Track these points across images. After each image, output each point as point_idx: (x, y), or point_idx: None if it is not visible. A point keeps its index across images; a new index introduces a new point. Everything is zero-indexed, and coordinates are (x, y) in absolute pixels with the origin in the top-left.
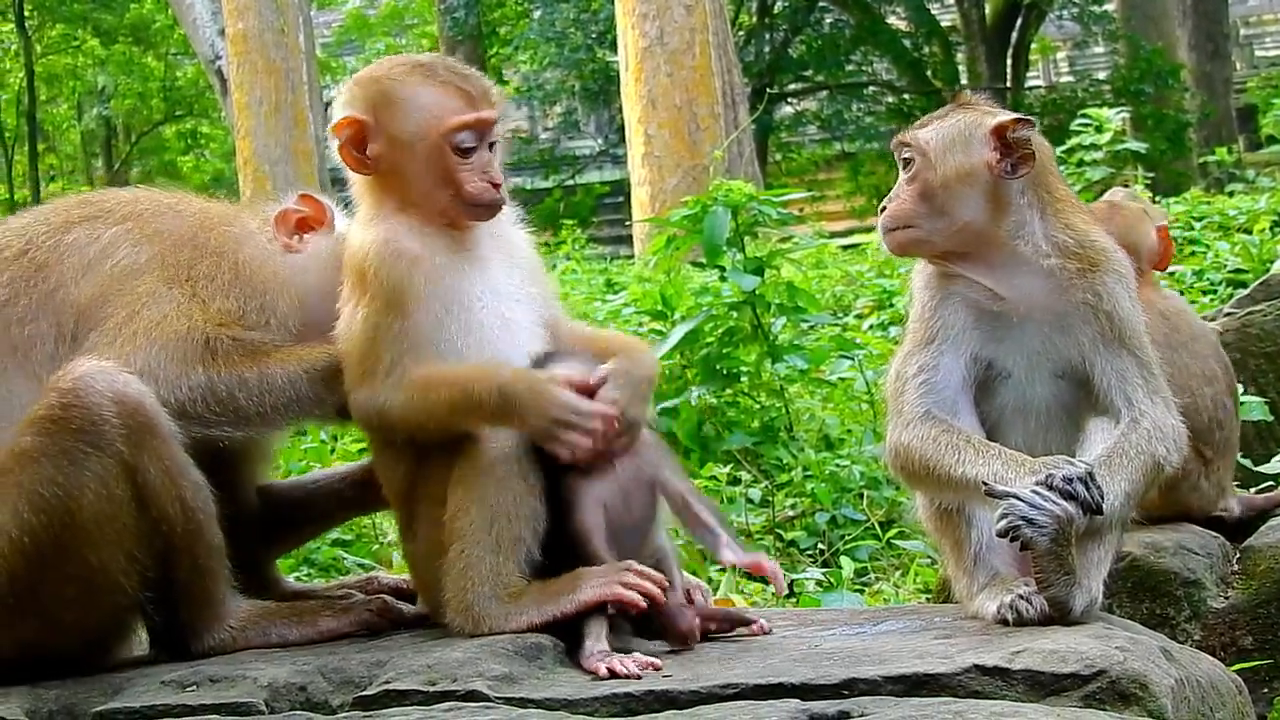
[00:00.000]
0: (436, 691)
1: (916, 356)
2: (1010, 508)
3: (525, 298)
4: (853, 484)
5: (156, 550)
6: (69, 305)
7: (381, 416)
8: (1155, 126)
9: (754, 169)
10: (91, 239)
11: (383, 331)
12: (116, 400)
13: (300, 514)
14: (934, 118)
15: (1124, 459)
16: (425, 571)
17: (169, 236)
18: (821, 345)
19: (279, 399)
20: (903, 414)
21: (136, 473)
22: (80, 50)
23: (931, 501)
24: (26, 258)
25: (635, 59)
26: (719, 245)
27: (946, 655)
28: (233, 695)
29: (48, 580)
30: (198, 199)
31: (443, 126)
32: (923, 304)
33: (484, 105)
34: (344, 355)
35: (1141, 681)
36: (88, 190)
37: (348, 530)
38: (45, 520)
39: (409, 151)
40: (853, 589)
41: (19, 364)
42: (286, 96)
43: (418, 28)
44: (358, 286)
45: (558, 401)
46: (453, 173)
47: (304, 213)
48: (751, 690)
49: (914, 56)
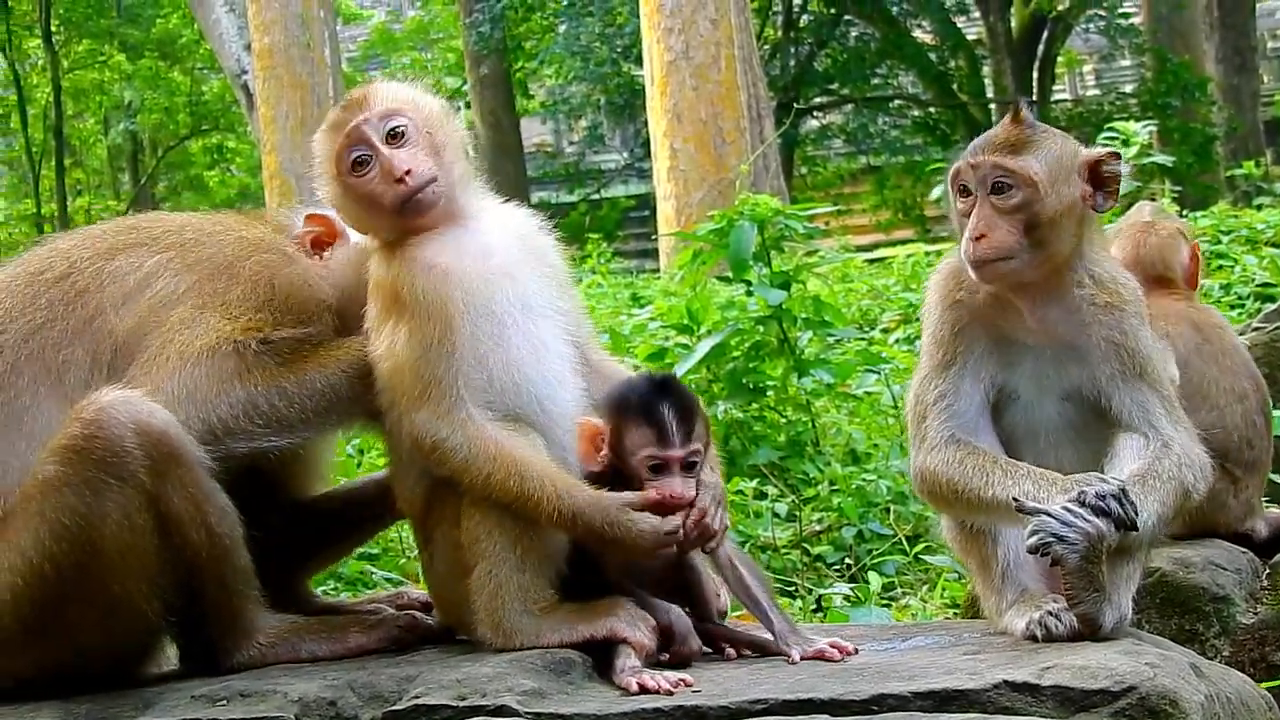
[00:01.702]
0: (466, 706)
1: (936, 381)
2: (1041, 524)
3: (554, 313)
4: (879, 498)
5: (181, 576)
6: (106, 334)
7: (439, 453)
8: (1182, 140)
9: (779, 183)
10: (134, 268)
11: (433, 349)
12: (139, 430)
13: (336, 527)
14: (1023, 143)
15: (1156, 480)
16: (447, 590)
17: (209, 265)
18: (848, 359)
19: (320, 403)
20: (926, 439)
21: (159, 502)
22: (107, 65)
23: (958, 521)
24: (68, 282)
25: (660, 73)
26: (745, 259)
27: (975, 671)
28: (263, 710)
29: (69, 606)
30: (240, 223)
31: (331, 158)
32: (940, 324)
33: (355, 115)
34: (390, 378)
35: (1171, 698)
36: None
37: (374, 545)
38: (67, 548)
39: (330, 191)
40: (880, 604)
41: (52, 387)
42: (312, 111)
43: (443, 42)
44: (392, 309)
45: (641, 533)
46: (361, 190)
47: (315, 232)
48: (780, 706)
49: (939, 70)
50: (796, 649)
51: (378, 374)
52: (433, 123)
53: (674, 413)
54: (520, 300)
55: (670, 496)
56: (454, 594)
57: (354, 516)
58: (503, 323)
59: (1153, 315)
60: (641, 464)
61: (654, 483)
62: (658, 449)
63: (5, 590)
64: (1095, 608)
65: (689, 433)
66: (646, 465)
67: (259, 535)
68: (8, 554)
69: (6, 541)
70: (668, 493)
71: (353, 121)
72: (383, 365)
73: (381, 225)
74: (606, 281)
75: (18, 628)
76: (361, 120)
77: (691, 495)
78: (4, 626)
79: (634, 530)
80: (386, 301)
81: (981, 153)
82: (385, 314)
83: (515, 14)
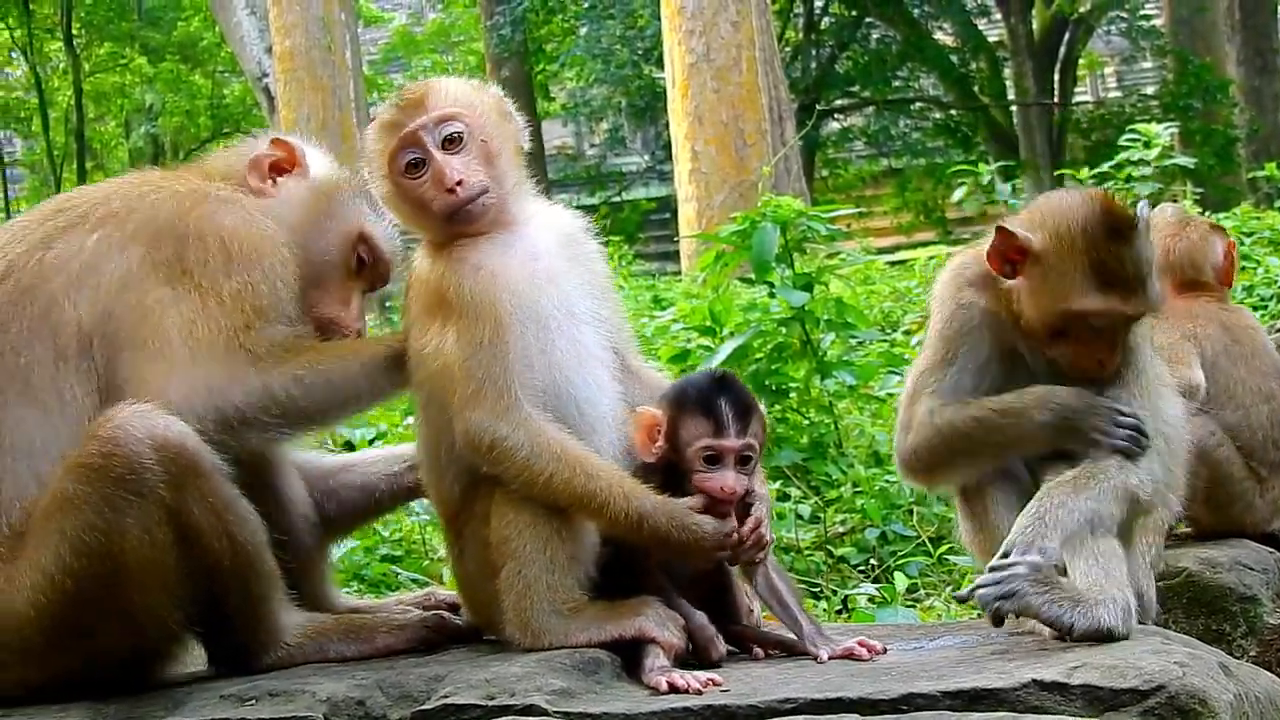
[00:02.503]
0: (495, 706)
1: (935, 374)
2: (981, 598)
3: (596, 320)
4: (902, 500)
5: (204, 585)
6: (65, 325)
7: (498, 451)
8: (1204, 142)
9: (801, 185)
10: (74, 252)
11: (484, 348)
12: (156, 445)
13: (349, 505)
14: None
15: (1091, 480)
16: (476, 589)
17: (148, 230)
18: (870, 361)
19: (336, 394)
20: (915, 420)
21: (180, 515)
22: (128, 68)
23: (970, 522)
24: (10, 282)
25: (682, 75)
26: (768, 261)
27: (1004, 670)
28: (291, 710)
29: (92, 619)
30: (166, 178)
31: (384, 157)
32: (948, 322)
33: (412, 117)
34: (439, 377)
35: (1201, 697)
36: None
37: (398, 547)
38: (88, 564)
39: (381, 193)
40: (905, 605)
41: (20, 392)
42: (333, 114)
43: (464, 45)
44: (438, 310)
45: (704, 535)
46: (412, 194)
47: (276, 156)
48: (809, 705)
49: (961, 72)
50: (824, 649)
51: (421, 373)
52: (489, 128)
53: (731, 405)
54: (564, 306)
55: (723, 489)
56: (483, 593)
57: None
58: (547, 327)
59: (1181, 317)
60: (696, 455)
61: (707, 475)
62: (713, 439)
63: (29, 606)
64: (1089, 618)
65: (745, 426)
66: (701, 456)
67: (282, 533)
68: (29, 572)
69: (26, 559)
70: (719, 484)
71: (409, 125)
72: (430, 365)
73: (430, 228)
74: (628, 284)
75: (41, 640)
76: (418, 125)
77: (743, 489)
78: (27, 639)
79: (698, 533)
80: (431, 302)
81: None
82: (430, 315)
83: (536, 16)
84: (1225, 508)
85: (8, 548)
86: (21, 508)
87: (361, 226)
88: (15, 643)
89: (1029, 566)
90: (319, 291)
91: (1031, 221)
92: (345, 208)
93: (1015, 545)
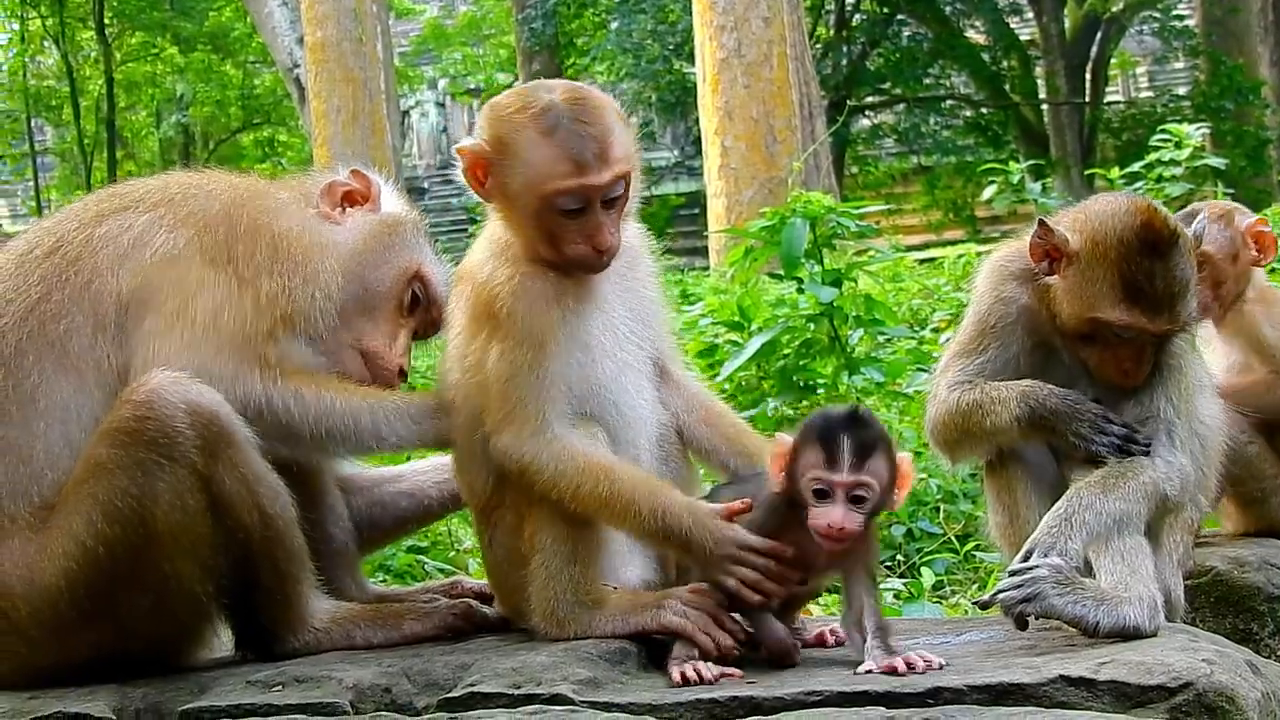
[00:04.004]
0: (521, 694)
1: (966, 360)
2: (1004, 602)
3: (641, 340)
4: (929, 497)
5: (234, 558)
6: (107, 295)
7: (525, 473)
8: (1235, 143)
9: (831, 182)
10: (124, 228)
11: (522, 373)
12: (190, 411)
13: (398, 512)
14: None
15: (1120, 480)
16: (504, 577)
17: (201, 217)
18: (898, 358)
19: (335, 425)
20: (940, 390)
21: (212, 483)
22: (159, 58)
23: (1000, 516)
24: (58, 254)
25: (713, 71)
26: (797, 257)
27: (1031, 665)
28: (318, 695)
29: (123, 588)
30: (227, 176)
31: (544, 189)
32: (987, 313)
33: (594, 171)
34: (476, 392)
35: (1228, 694)
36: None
37: (423, 538)
38: (120, 531)
39: (517, 201)
40: (930, 601)
41: (58, 360)
42: (364, 105)
43: (495, 38)
44: (486, 323)
45: (726, 539)
46: (554, 232)
47: (351, 186)
48: (836, 697)
49: (992, 70)
50: (870, 661)
51: (461, 379)
52: (634, 181)
53: (851, 439)
54: (611, 329)
55: (829, 525)
56: (511, 580)
57: (414, 507)
58: (592, 350)
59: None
60: (808, 486)
61: (815, 508)
62: (823, 470)
63: (60, 575)
64: (1114, 616)
65: (862, 464)
66: (812, 489)
67: (312, 518)
68: (60, 539)
69: (59, 528)
70: (825, 520)
71: (589, 181)
72: (469, 376)
73: (548, 255)
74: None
75: (73, 612)
76: (599, 185)
77: (854, 527)
78: (60, 612)
79: (710, 536)
80: (481, 313)
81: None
82: (478, 324)
83: (567, 10)
84: (1256, 505)
85: (39, 517)
86: (53, 477)
87: (420, 265)
88: (48, 618)
89: (1050, 569)
90: (368, 322)
91: (1074, 222)
92: (407, 244)
93: (1038, 546)
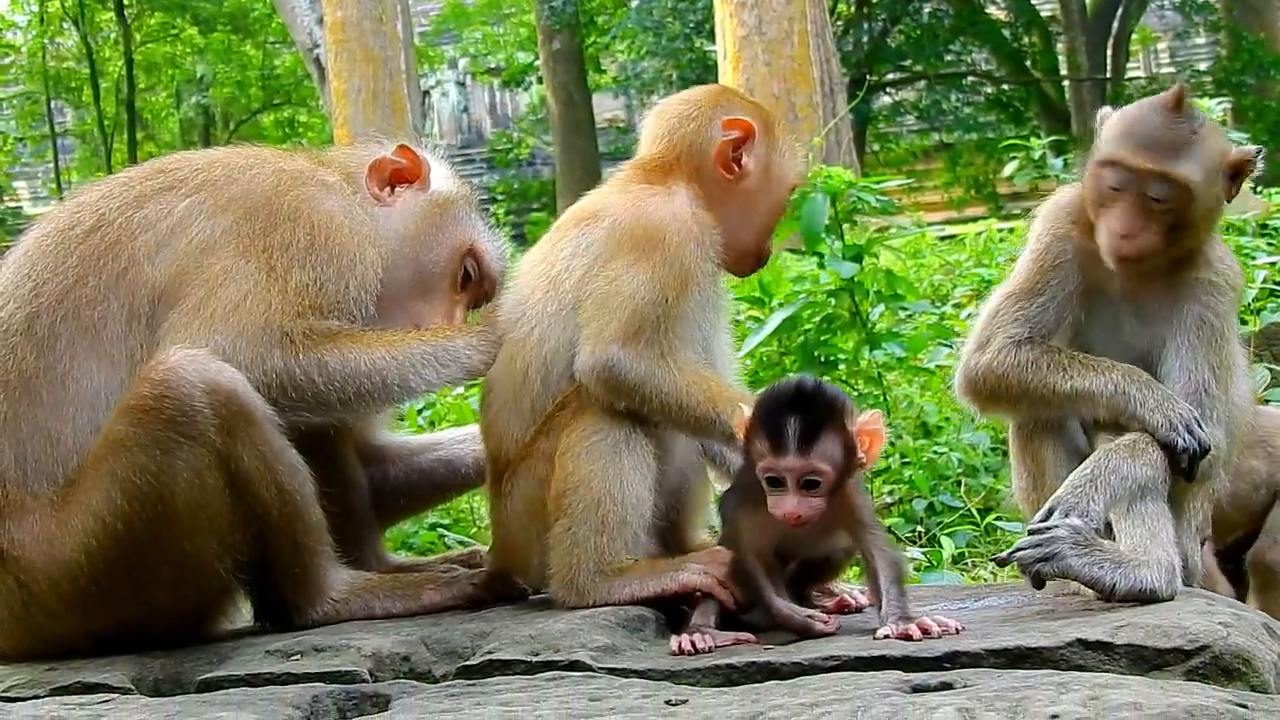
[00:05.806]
0: (539, 661)
1: (1022, 301)
2: (1022, 560)
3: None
4: (950, 471)
5: (253, 533)
6: (142, 285)
7: (613, 377)
8: (1257, 118)
9: (852, 158)
10: (165, 213)
11: (664, 301)
12: (209, 389)
13: (435, 479)
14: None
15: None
16: (519, 529)
17: (243, 204)
18: (919, 333)
19: (362, 385)
20: (994, 340)
21: (230, 460)
22: (179, 39)
23: (1024, 480)
24: (98, 235)
25: (733, 48)
26: (818, 232)
27: (1049, 629)
28: (337, 664)
29: (142, 564)
30: (274, 155)
31: (790, 184)
32: (1045, 253)
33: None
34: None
35: (1245, 657)
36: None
37: (444, 514)
38: (139, 507)
39: (765, 186)
40: (950, 570)
41: (90, 346)
42: (384, 85)
43: (515, 16)
44: (644, 246)
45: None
46: (772, 226)
47: (400, 164)
48: (853, 662)
49: (1013, 46)
50: (884, 628)
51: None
52: None
53: (795, 423)
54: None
55: (784, 515)
56: (525, 533)
57: (451, 475)
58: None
59: None
60: (761, 474)
61: (772, 498)
62: (772, 458)
63: (80, 551)
64: (1131, 579)
65: (809, 447)
66: (764, 477)
67: (332, 491)
68: (81, 515)
69: (79, 504)
70: (780, 510)
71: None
72: (598, 287)
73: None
74: None
75: (93, 588)
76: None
77: (809, 513)
78: (80, 588)
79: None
80: (643, 238)
81: (1145, 156)
82: (632, 249)
83: None
84: None
85: (61, 496)
86: (79, 461)
87: (473, 240)
88: (69, 592)
89: (1069, 529)
90: (424, 304)
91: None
92: (458, 221)
93: (1060, 505)
